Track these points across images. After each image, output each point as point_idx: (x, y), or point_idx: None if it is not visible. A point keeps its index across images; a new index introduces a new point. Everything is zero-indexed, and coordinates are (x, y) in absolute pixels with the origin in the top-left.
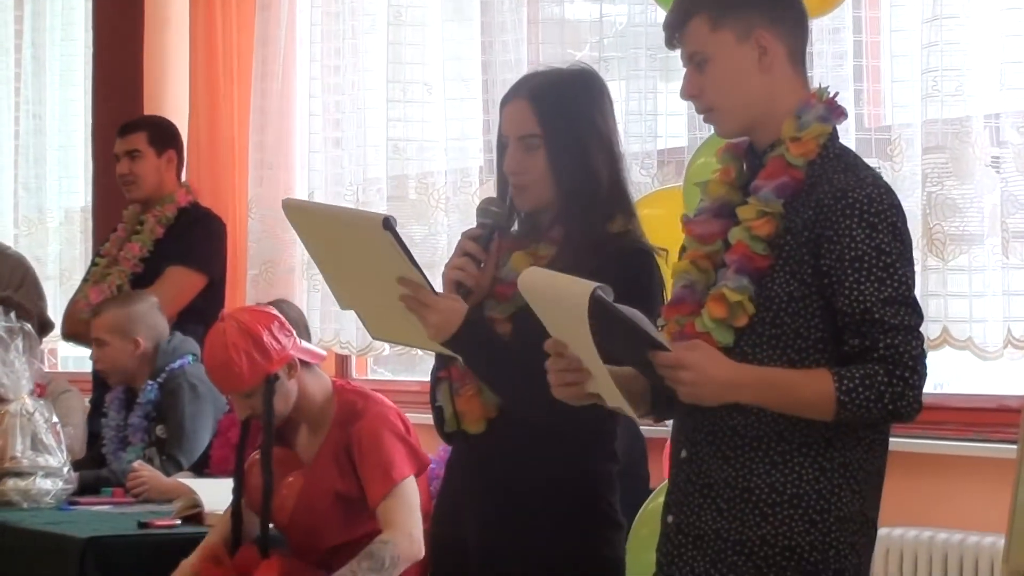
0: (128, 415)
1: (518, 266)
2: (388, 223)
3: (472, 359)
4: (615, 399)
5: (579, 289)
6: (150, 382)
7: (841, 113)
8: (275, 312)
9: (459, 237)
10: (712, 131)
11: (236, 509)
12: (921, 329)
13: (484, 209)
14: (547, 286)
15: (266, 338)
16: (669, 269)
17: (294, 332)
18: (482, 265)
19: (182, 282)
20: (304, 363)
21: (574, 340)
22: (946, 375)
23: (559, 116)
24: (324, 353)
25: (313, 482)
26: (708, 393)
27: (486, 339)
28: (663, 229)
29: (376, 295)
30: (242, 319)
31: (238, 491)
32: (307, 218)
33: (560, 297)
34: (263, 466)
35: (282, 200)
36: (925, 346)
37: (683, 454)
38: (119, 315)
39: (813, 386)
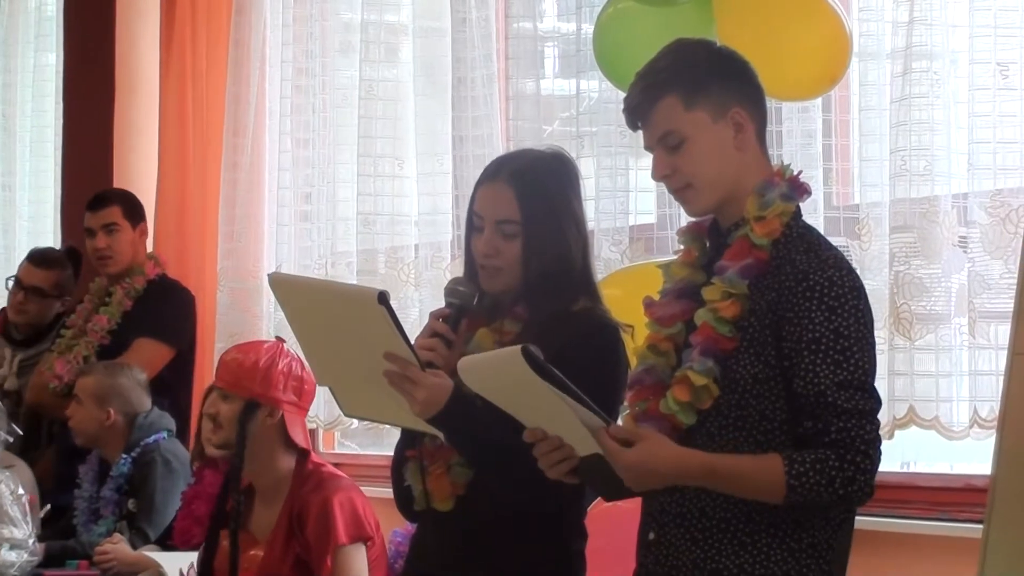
0: (101, 488)
1: (483, 343)
2: (383, 297)
3: (456, 436)
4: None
5: (509, 353)
6: (124, 456)
7: (805, 191)
8: (311, 384)
9: (429, 313)
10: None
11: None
12: (879, 415)
13: (452, 289)
14: (483, 367)
15: (279, 369)
16: (635, 346)
17: (303, 406)
18: (451, 345)
19: (150, 354)
20: (288, 439)
21: (541, 411)
22: (912, 454)
23: (539, 203)
24: (307, 447)
25: (272, 552)
26: (650, 481)
27: (471, 416)
28: (617, 309)
29: (357, 371)
30: (287, 349)
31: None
32: (293, 292)
33: (500, 371)
34: (231, 487)
35: (268, 274)
36: (882, 431)
37: (651, 536)
38: (101, 383)
39: (762, 473)
